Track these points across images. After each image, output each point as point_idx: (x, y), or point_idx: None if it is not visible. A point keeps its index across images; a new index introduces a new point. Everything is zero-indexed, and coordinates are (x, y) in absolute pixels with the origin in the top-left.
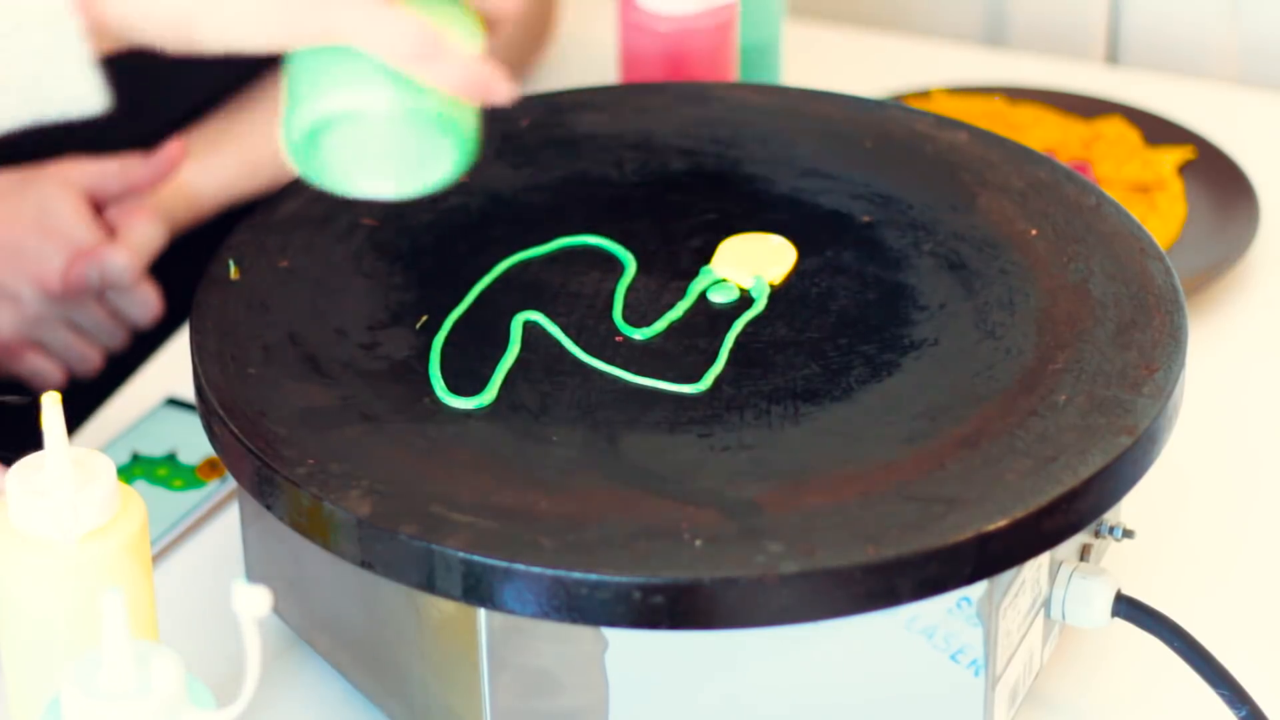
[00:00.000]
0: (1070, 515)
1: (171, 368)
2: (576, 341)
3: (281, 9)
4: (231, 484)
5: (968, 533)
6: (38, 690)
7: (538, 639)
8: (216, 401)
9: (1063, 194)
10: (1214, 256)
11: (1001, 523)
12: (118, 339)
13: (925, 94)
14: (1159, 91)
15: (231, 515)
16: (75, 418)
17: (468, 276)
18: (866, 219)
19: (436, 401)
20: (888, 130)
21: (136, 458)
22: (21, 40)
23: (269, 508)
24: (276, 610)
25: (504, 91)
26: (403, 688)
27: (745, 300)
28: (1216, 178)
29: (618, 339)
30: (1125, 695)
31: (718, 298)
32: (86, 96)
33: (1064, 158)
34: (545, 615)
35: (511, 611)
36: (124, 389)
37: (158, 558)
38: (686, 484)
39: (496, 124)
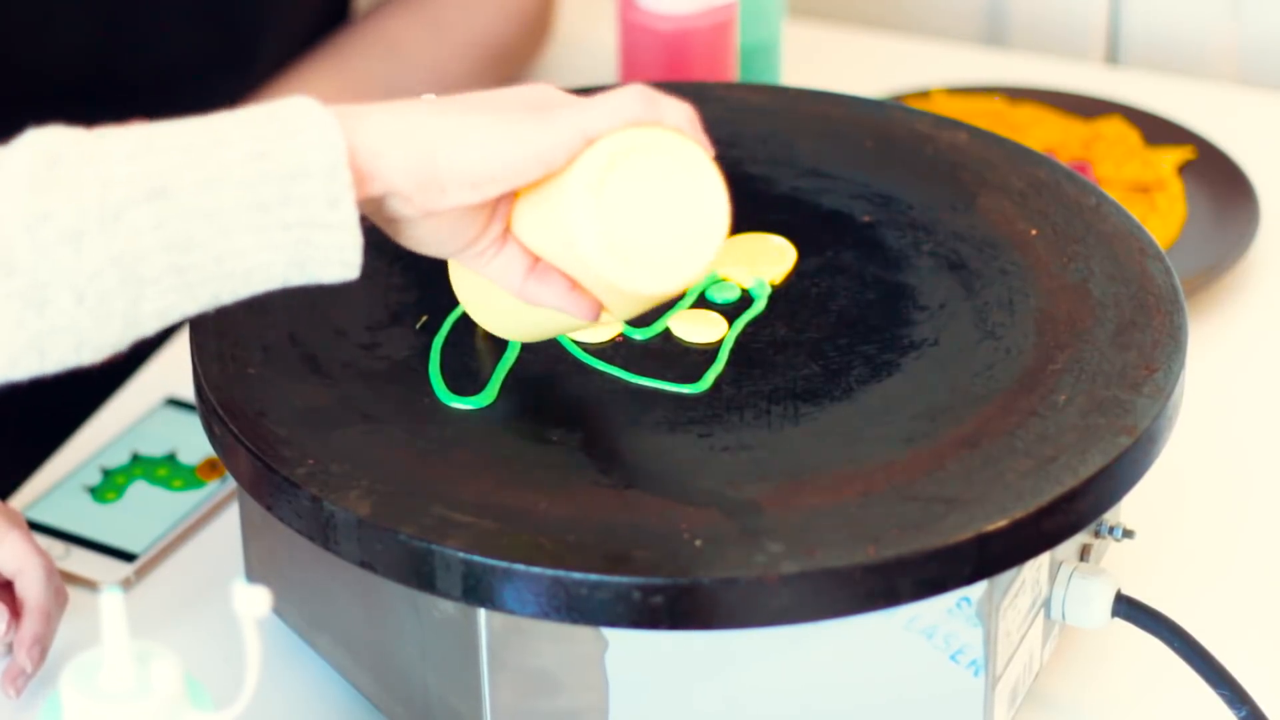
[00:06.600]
0: (1070, 515)
1: (171, 368)
2: (576, 342)
3: (511, 130)
4: (231, 484)
5: (968, 533)
6: None
7: (538, 639)
8: (216, 401)
9: (1063, 194)
10: (1214, 256)
11: (1001, 523)
12: None
13: (925, 94)
14: (1159, 91)
15: (231, 515)
16: (75, 418)
17: None
18: (866, 219)
19: (436, 401)
20: (888, 130)
21: (136, 458)
22: (296, 193)
23: (269, 508)
24: (276, 610)
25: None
26: (403, 688)
27: (745, 300)
28: (1216, 178)
29: (618, 339)
30: (1125, 695)
31: (718, 297)
32: (346, 261)
33: (1064, 158)
34: (545, 615)
35: (511, 612)
36: (124, 389)
37: (158, 558)
38: (686, 484)
39: None
